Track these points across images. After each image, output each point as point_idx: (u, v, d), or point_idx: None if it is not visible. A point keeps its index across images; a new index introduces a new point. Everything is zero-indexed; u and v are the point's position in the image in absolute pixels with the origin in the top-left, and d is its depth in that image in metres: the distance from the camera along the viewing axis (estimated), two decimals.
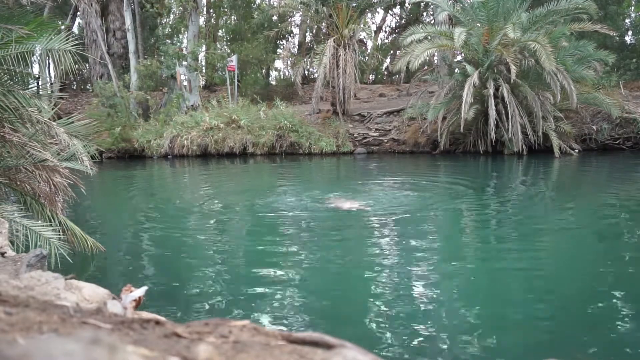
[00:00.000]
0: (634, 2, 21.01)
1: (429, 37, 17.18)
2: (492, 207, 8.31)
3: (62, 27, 21.86)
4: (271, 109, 19.42)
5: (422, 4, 24.82)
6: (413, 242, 6.04)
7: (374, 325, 3.74)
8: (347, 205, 7.65)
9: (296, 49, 26.95)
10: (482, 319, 3.83)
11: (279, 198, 9.46)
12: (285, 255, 5.63)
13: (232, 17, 29.74)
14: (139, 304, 1.35)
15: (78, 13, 25.16)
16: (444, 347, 3.38)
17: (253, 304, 4.19)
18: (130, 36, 21.87)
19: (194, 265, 5.44)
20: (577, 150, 15.77)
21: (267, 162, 16.89)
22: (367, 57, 23.68)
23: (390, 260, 5.43)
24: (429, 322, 3.78)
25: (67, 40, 4.69)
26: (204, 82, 26.35)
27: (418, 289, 4.53)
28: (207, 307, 4.18)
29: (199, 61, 22.45)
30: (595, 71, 16.30)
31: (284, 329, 3.63)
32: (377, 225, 6.84)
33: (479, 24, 15.98)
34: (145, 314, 1.23)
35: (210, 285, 4.77)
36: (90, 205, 9.01)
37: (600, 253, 5.67)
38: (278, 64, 28.94)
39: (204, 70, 24.14)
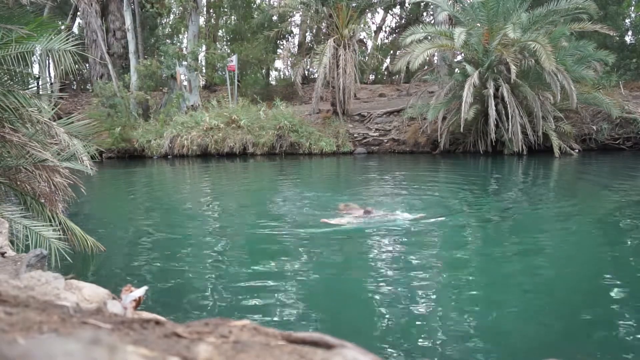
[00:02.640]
0: (634, 2, 21.00)
1: (429, 37, 17.18)
2: (492, 208, 8.31)
3: (62, 27, 21.88)
4: (271, 109, 19.42)
5: (422, 4, 24.83)
6: (415, 245, 6.04)
7: (374, 326, 3.74)
8: (353, 213, 7.46)
9: (296, 49, 26.94)
10: (483, 319, 3.83)
11: (280, 199, 9.46)
12: (286, 257, 5.63)
13: (232, 17, 29.74)
14: (139, 304, 1.35)
15: (78, 13, 25.16)
16: (445, 347, 3.38)
17: (253, 304, 4.19)
18: (130, 36, 21.87)
19: (194, 265, 5.44)
20: (577, 150, 15.77)
21: (267, 162, 16.89)
22: (367, 57, 23.66)
23: (392, 264, 5.43)
24: (429, 323, 3.78)
25: (67, 40, 4.69)
26: (204, 82, 26.34)
27: (419, 291, 4.53)
28: (207, 307, 4.18)
29: (199, 61, 22.45)
30: (595, 71, 16.29)
31: (285, 327, 3.63)
32: (379, 231, 6.81)
33: (479, 24, 15.97)
34: (145, 314, 1.23)
35: (210, 285, 4.77)
36: (91, 205, 9.01)
37: (600, 253, 5.67)
38: (278, 64, 28.98)
39: (204, 70, 24.14)
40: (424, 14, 27.92)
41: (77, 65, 4.80)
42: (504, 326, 3.74)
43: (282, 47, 27.64)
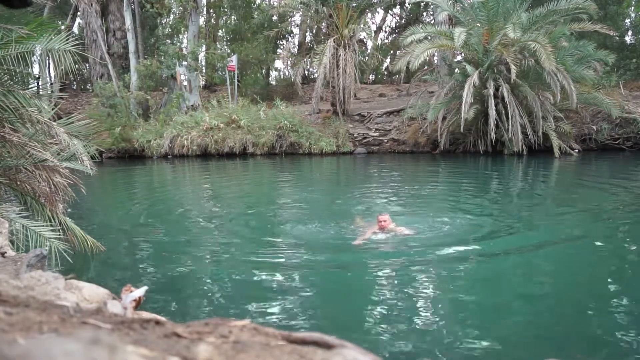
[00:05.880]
0: (634, 2, 20.99)
1: (429, 37, 17.18)
2: (492, 208, 8.31)
3: (62, 27, 21.87)
4: (271, 109, 19.42)
5: (422, 4, 24.82)
6: (415, 244, 6.04)
7: (373, 326, 3.74)
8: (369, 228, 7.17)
9: (296, 49, 26.94)
10: (483, 320, 3.83)
11: (281, 198, 9.46)
12: (286, 257, 5.62)
13: (232, 17, 29.75)
14: (139, 304, 1.35)
15: (78, 13, 25.16)
16: (445, 348, 3.38)
17: (253, 304, 4.19)
18: (130, 36, 21.87)
19: (194, 265, 5.44)
20: (577, 150, 15.76)
21: (267, 162, 16.89)
22: (367, 57, 23.66)
23: (392, 265, 5.42)
24: (429, 324, 3.78)
25: (67, 40, 4.69)
26: (204, 82, 26.34)
27: (418, 291, 4.53)
28: (207, 307, 4.18)
29: (199, 61, 22.45)
30: (595, 71, 16.28)
31: (285, 328, 3.63)
32: (380, 236, 6.79)
33: (479, 24, 15.97)
34: (145, 314, 1.23)
35: (210, 285, 4.77)
36: (91, 205, 9.01)
37: (600, 254, 5.66)
38: (278, 64, 28.98)
39: (204, 70, 24.14)
40: (424, 14, 27.92)
41: (77, 65, 4.80)
42: (503, 326, 3.73)
43: (282, 47, 27.65)
